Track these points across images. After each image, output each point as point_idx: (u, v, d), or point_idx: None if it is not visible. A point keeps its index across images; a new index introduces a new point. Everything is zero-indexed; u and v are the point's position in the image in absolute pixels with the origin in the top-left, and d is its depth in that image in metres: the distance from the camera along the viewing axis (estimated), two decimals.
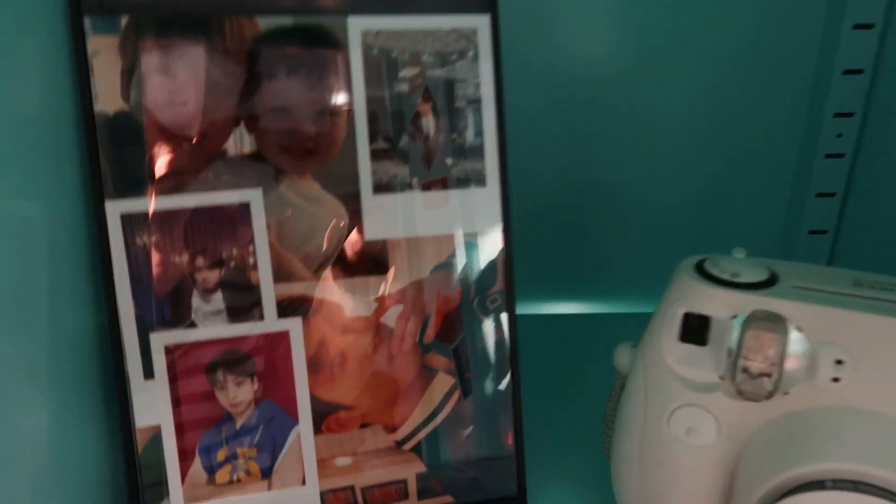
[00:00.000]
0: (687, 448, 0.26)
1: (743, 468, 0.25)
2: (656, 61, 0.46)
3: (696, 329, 0.26)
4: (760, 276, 0.26)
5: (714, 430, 0.25)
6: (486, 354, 0.31)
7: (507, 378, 0.32)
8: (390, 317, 0.30)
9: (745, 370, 0.24)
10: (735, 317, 0.25)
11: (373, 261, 0.30)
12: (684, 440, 0.26)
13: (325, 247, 0.29)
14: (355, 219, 0.29)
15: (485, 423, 0.32)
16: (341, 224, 0.29)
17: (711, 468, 0.26)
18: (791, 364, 0.24)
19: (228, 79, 0.28)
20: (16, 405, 0.23)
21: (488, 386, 0.31)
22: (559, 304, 0.52)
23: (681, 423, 0.26)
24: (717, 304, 0.25)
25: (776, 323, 0.24)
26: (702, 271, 0.27)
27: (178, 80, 0.27)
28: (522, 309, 0.32)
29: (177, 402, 0.28)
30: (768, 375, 0.24)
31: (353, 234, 0.29)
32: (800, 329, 0.24)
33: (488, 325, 0.31)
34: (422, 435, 0.31)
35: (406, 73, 0.29)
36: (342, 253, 0.29)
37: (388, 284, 0.30)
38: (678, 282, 0.27)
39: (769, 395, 0.24)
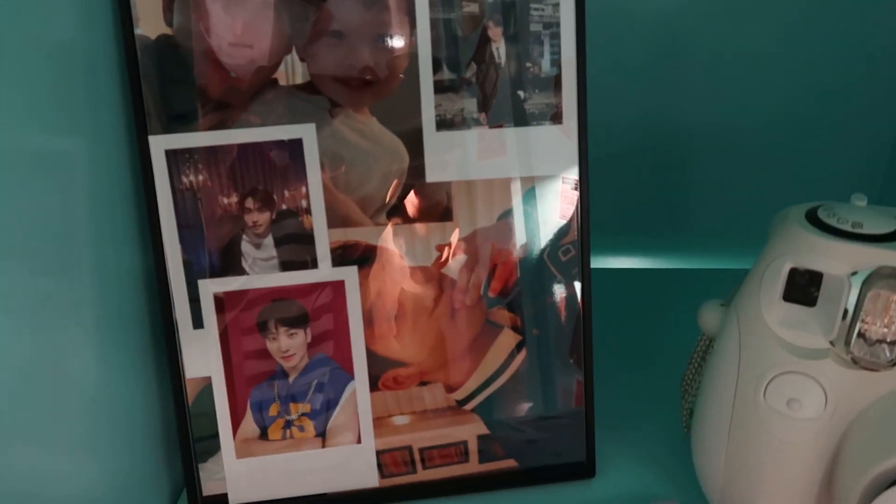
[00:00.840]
0: (787, 421, 0.23)
1: (851, 446, 0.23)
2: None
3: (803, 287, 0.23)
4: (887, 226, 0.23)
5: (820, 401, 0.23)
6: (556, 310, 0.29)
7: (578, 336, 0.29)
8: (453, 268, 0.28)
9: (862, 335, 0.22)
10: (854, 273, 0.22)
11: (434, 206, 0.27)
12: (784, 412, 0.23)
13: (382, 189, 0.27)
14: (416, 159, 0.27)
15: (551, 384, 0.29)
16: (401, 164, 0.27)
17: (814, 445, 0.23)
18: None
19: (284, 4, 0.25)
20: (60, 343, 0.22)
21: (557, 344, 0.29)
22: (636, 258, 0.50)
23: (781, 393, 0.23)
24: (833, 258, 0.23)
25: None
26: (815, 220, 0.23)
27: (243, 16, 0.25)
28: (596, 262, 0.30)
29: (227, 353, 0.27)
30: (891, 343, 0.22)
31: (414, 176, 0.27)
32: None
33: (559, 279, 0.29)
34: (484, 395, 0.29)
35: None
36: (401, 197, 0.27)
37: (451, 232, 0.28)
38: (785, 232, 0.24)
39: (891, 365, 0.22)
